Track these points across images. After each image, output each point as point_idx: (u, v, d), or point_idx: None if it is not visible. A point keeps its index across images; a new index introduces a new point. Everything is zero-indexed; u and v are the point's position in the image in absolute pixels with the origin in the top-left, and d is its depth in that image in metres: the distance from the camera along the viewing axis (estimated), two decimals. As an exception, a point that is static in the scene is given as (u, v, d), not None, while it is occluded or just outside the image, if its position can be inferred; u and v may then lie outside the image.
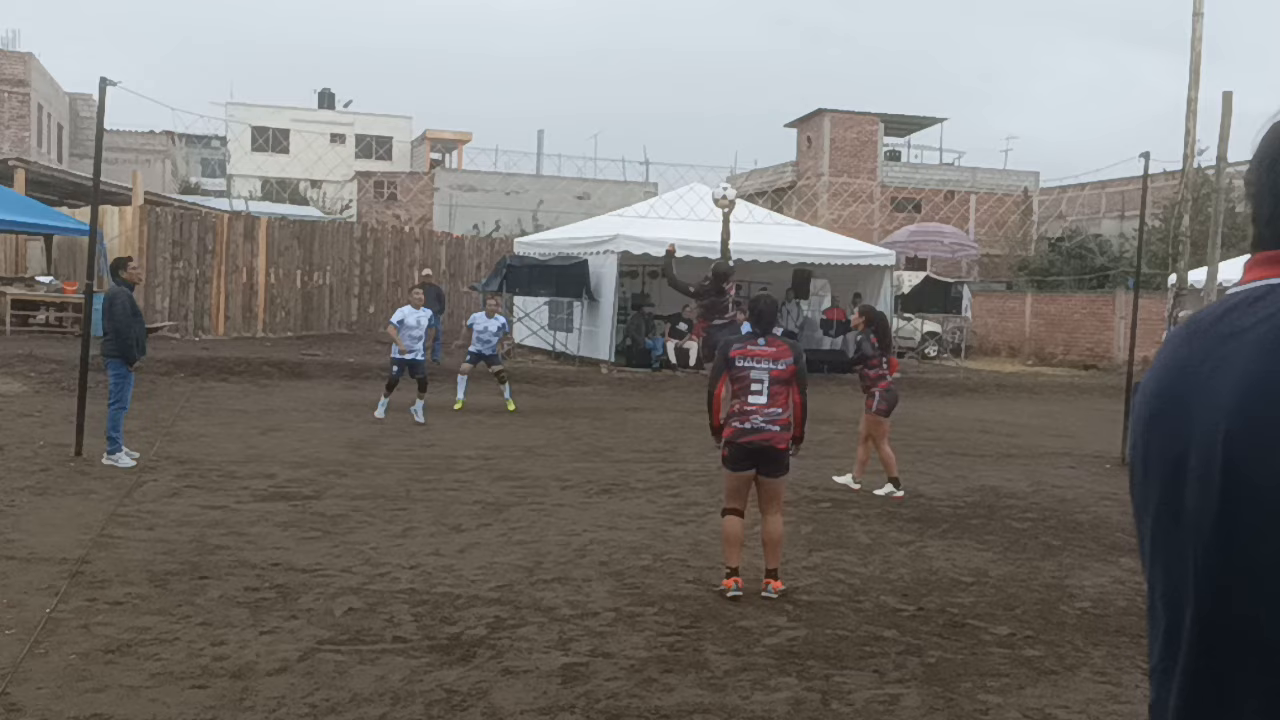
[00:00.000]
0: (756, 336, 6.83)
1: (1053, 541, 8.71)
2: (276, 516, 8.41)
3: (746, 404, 6.65)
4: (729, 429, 6.69)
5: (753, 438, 6.60)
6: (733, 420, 6.69)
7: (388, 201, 49.47)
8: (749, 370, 6.68)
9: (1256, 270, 1.30)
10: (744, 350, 6.75)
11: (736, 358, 6.73)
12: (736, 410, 6.69)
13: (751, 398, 6.64)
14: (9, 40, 43.23)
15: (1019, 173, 49.55)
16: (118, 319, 10.14)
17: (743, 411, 6.66)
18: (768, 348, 6.75)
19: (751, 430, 6.60)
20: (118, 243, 22.49)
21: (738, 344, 6.86)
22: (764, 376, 6.66)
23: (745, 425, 6.62)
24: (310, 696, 4.88)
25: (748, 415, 6.64)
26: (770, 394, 6.64)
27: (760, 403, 6.63)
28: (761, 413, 6.62)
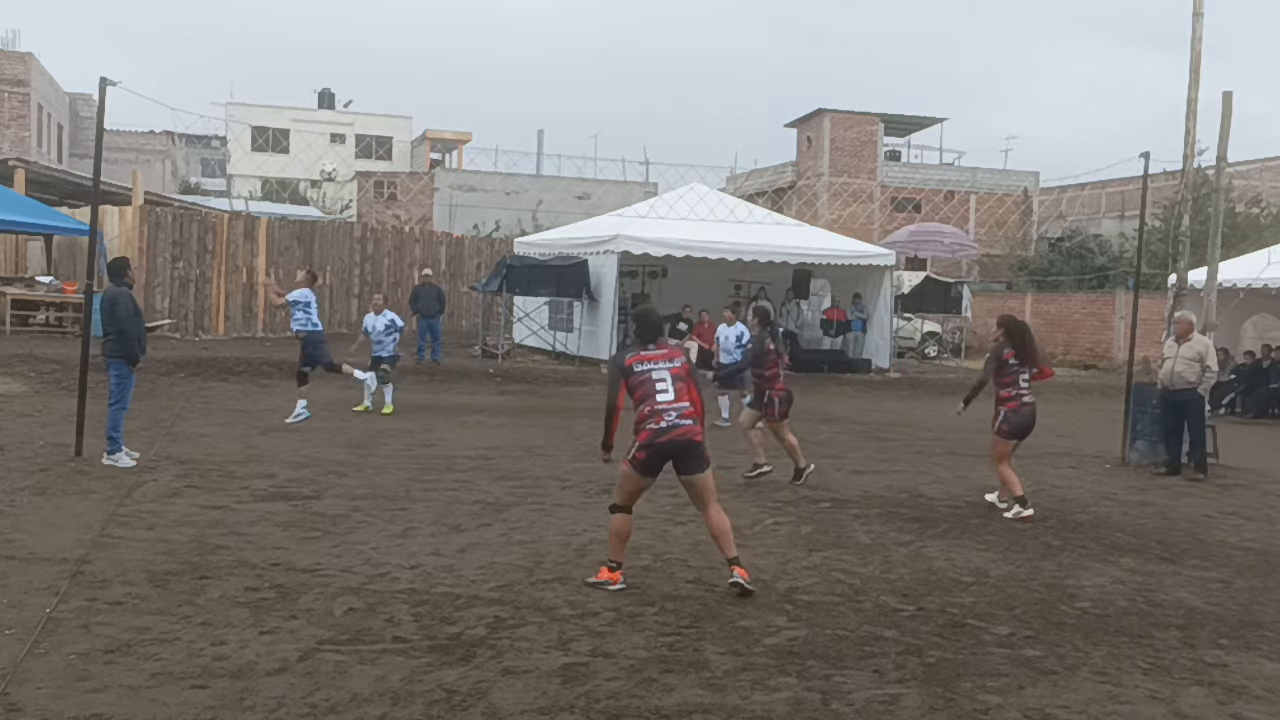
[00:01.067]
0: (645, 344, 6.94)
1: (1053, 541, 8.71)
2: (276, 516, 8.41)
3: (656, 404, 6.68)
4: (644, 433, 6.65)
5: (672, 435, 6.63)
6: (646, 424, 6.66)
7: (388, 201, 49.47)
8: (649, 372, 6.77)
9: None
10: (638, 356, 6.85)
11: (633, 364, 6.80)
12: (648, 413, 6.68)
13: (660, 396, 6.70)
14: (9, 40, 43.27)
15: (1019, 173, 49.56)
16: (120, 319, 10.14)
17: (655, 412, 6.66)
18: (658, 350, 6.91)
19: (669, 428, 6.63)
20: (118, 243, 22.50)
21: (629, 352, 6.94)
22: (665, 375, 6.77)
23: (661, 425, 6.63)
24: (310, 696, 4.89)
25: (661, 414, 6.66)
26: (675, 390, 6.74)
27: (669, 399, 6.69)
28: (673, 408, 6.67)
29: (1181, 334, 12.54)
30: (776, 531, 8.65)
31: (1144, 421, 13.36)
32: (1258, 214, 36.37)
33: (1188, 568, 8.08)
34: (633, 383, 6.78)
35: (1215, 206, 14.18)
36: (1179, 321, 12.72)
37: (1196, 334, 12.62)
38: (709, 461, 6.85)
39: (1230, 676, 5.72)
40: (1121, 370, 18.82)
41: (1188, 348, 12.42)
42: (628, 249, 22.39)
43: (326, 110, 61.66)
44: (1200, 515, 10.20)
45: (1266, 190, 38.90)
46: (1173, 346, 12.65)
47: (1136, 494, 11.18)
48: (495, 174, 49.96)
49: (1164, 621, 6.65)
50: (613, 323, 22.47)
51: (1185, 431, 12.50)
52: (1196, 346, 12.40)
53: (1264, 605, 7.14)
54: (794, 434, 10.97)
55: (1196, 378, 12.28)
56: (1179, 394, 12.37)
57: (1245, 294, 18.75)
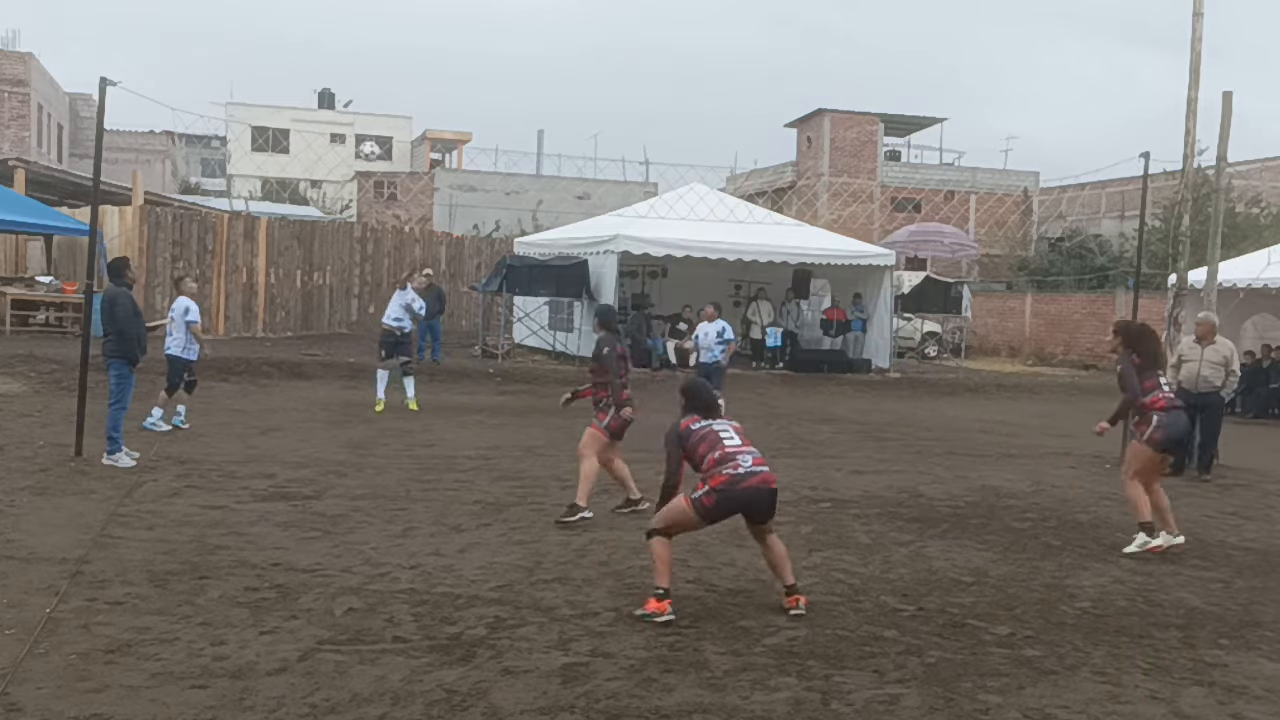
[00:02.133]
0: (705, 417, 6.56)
1: (1053, 541, 8.71)
2: (276, 516, 8.41)
3: (726, 449, 6.34)
4: (718, 478, 6.24)
5: (751, 482, 6.28)
6: (721, 469, 6.28)
7: (388, 201, 49.47)
8: (709, 426, 6.48)
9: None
10: (693, 418, 6.53)
11: (689, 425, 6.48)
12: (719, 458, 6.31)
13: (728, 443, 6.38)
14: (9, 40, 43.27)
15: (1019, 173, 49.56)
16: (120, 319, 10.14)
17: (727, 456, 6.32)
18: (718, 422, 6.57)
19: (747, 475, 6.27)
20: (118, 243, 22.49)
21: (683, 418, 6.57)
22: (728, 428, 6.51)
23: (739, 470, 6.27)
24: (310, 696, 4.89)
25: (733, 458, 6.32)
26: (741, 439, 6.46)
27: (738, 444, 6.40)
28: (747, 451, 6.39)
29: (1204, 336, 12.26)
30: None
31: (1144, 421, 13.34)
32: (1258, 214, 36.37)
33: (1188, 568, 8.08)
34: (692, 443, 6.41)
35: (1215, 206, 14.17)
36: (1201, 323, 12.44)
37: (1220, 336, 12.35)
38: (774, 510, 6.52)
39: (1230, 676, 5.72)
40: (1121, 370, 18.81)
41: (1213, 351, 12.17)
42: (628, 249, 22.39)
43: (326, 110, 61.67)
44: (1200, 515, 10.20)
45: (1266, 190, 38.90)
46: (1194, 348, 12.36)
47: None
48: (495, 174, 49.96)
49: (1164, 621, 6.65)
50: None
51: (1195, 433, 12.35)
52: (1222, 350, 12.15)
53: (1264, 605, 7.14)
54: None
55: (1222, 381, 12.07)
56: (1201, 397, 12.09)
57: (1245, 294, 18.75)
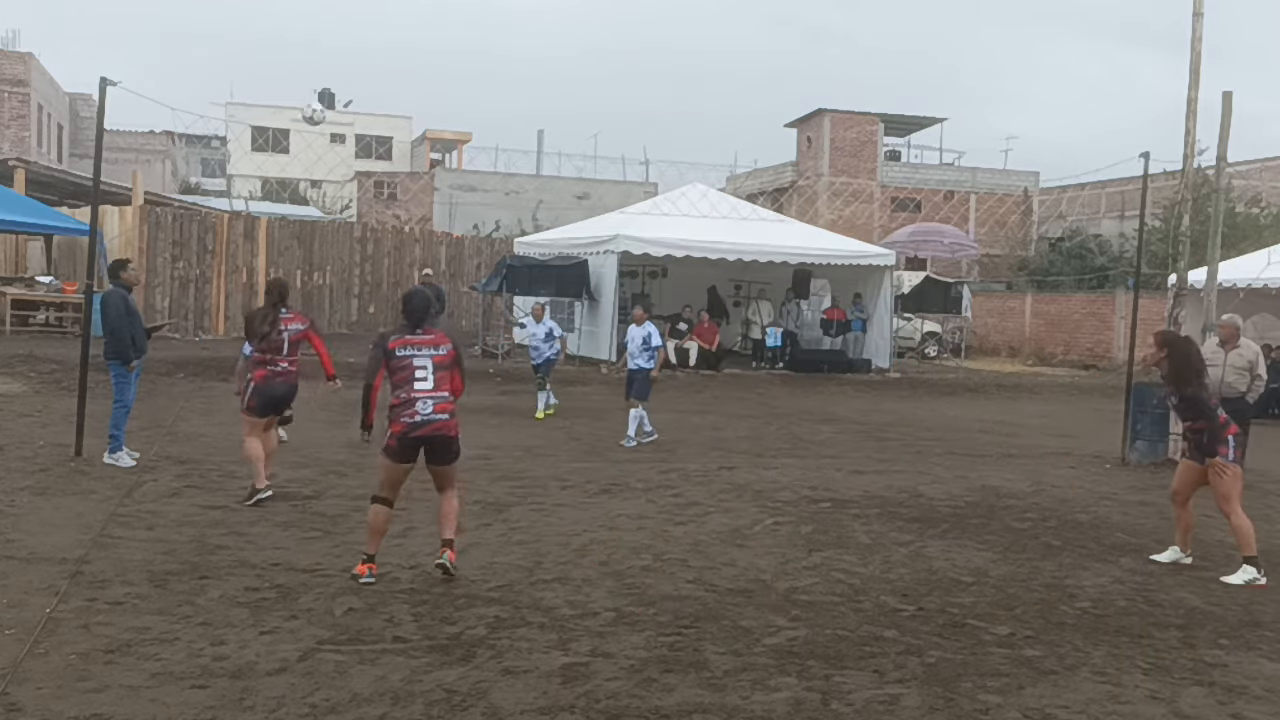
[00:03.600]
0: (411, 329, 6.86)
1: (1053, 541, 8.71)
2: (276, 516, 8.41)
3: (414, 391, 6.69)
4: (398, 424, 6.67)
5: (424, 431, 6.67)
6: (400, 412, 6.68)
7: (388, 201, 49.48)
8: (411, 358, 6.75)
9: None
10: (403, 340, 6.81)
11: (396, 348, 6.77)
12: (404, 399, 6.69)
13: (418, 384, 6.70)
14: (9, 40, 43.24)
15: (1019, 173, 49.54)
16: (111, 319, 10.13)
17: (410, 400, 6.68)
18: (426, 335, 6.85)
19: (423, 422, 6.67)
20: (118, 243, 22.50)
21: (395, 335, 6.89)
22: (427, 363, 6.76)
23: (415, 418, 6.66)
24: (310, 696, 4.88)
25: (414, 403, 6.67)
26: (436, 379, 6.75)
27: (427, 388, 6.71)
28: (430, 397, 6.70)
29: (1228, 339, 12.00)
30: (776, 531, 8.65)
31: (1144, 421, 13.35)
32: (1258, 214, 36.38)
33: (1188, 568, 8.08)
34: (394, 365, 6.76)
35: (1215, 206, 14.16)
36: (1225, 325, 12.17)
37: (1245, 340, 12.09)
38: (458, 455, 6.92)
39: (1230, 676, 5.72)
40: (1121, 370, 18.82)
41: (1237, 355, 11.88)
42: (628, 249, 22.39)
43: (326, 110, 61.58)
44: (1200, 515, 10.18)
45: (1266, 190, 38.90)
46: (1218, 352, 12.00)
47: (1136, 494, 11.18)
48: (495, 174, 49.98)
49: (1164, 621, 6.65)
50: (613, 323, 22.47)
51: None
52: (1247, 355, 11.88)
53: (1264, 605, 7.14)
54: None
55: (1246, 386, 11.79)
56: (1226, 403, 11.93)
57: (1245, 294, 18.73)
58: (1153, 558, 8.25)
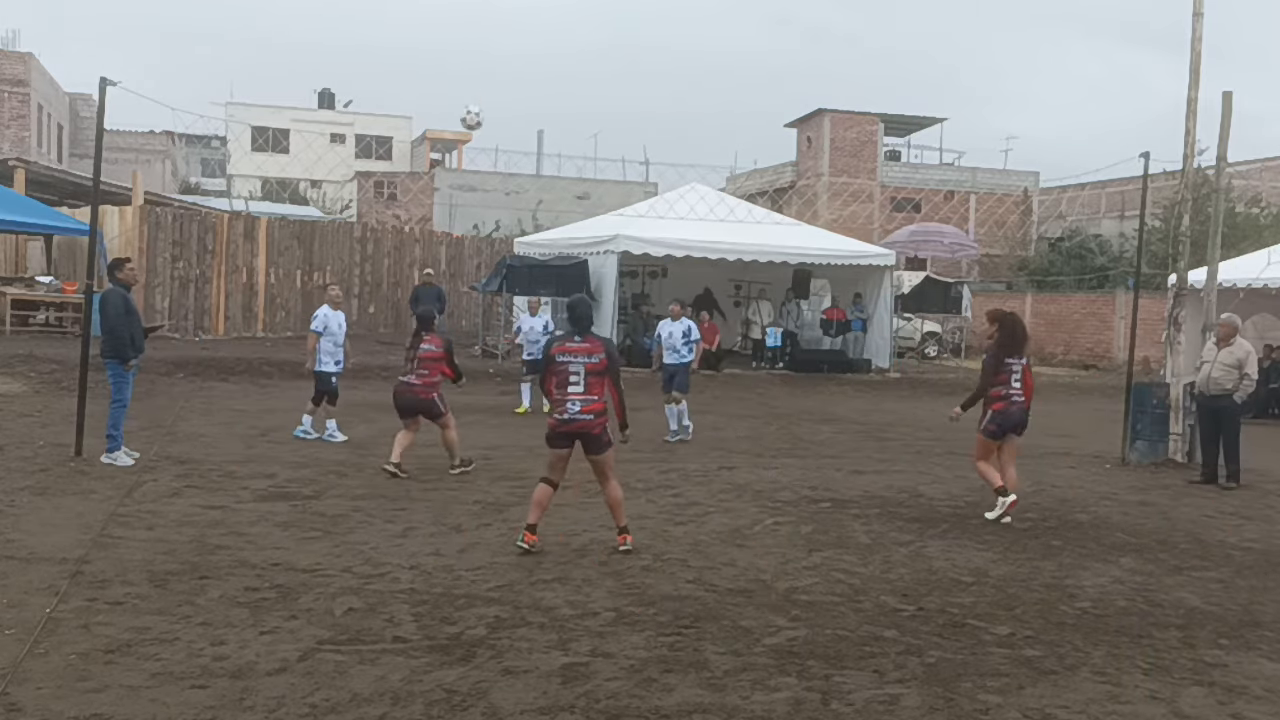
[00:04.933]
0: (573, 335, 7.67)
1: (1053, 541, 8.71)
2: (276, 516, 8.41)
3: (567, 393, 7.56)
4: (551, 418, 7.70)
5: (569, 428, 7.59)
6: (555, 409, 7.69)
7: (388, 201, 49.46)
8: (567, 364, 7.57)
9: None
10: (563, 347, 7.66)
11: (556, 354, 7.64)
12: (558, 399, 7.62)
13: (570, 388, 7.55)
14: (9, 40, 43.24)
15: (1019, 173, 49.54)
16: (110, 318, 10.13)
17: (562, 400, 7.58)
18: (582, 344, 7.63)
19: (569, 420, 7.57)
20: (118, 243, 22.49)
21: (558, 341, 7.79)
22: (580, 369, 7.56)
23: (563, 415, 7.58)
24: (310, 696, 4.88)
25: (565, 403, 7.56)
26: (587, 384, 7.56)
27: (578, 391, 7.54)
28: (579, 399, 7.54)
29: (1224, 338, 12.10)
30: (776, 531, 8.65)
31: (1144, 421, 13.35)
32: (1258, 214, 36.38)
33: (1188, 568, 8.08)
34: (553, 369, 7.64)
35: (1215, 206, 14.16)
36: (1223, 324, 12.26)
37: (1239, 339, 12.16)
38: (609, 444, 7.72)
39: (1230, 676, 5.72)
40: (1121, 370, 18.83)
41: (1227, 353, 11.98)
42: (628, 249, 22.39)
43: (326, 110, 61.62)
44: (1200, 515, 10.21)
45: (1266, 190, 38.90)
46: (1212, 350, 12.21)
47: (1136, 494, 11.18)
48: (495, 174, 49.95)
49: (1164, 621, 6.65)
50: (613, 323, 22.47)
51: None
52: (1237, 353, 11.96)
53: (1264, 605, 7.14)
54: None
55: (1234, 384, 11.88)
56: (1213, 400, 11.98)
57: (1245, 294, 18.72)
58: (1008, 501, 9.28)
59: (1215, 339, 12.31)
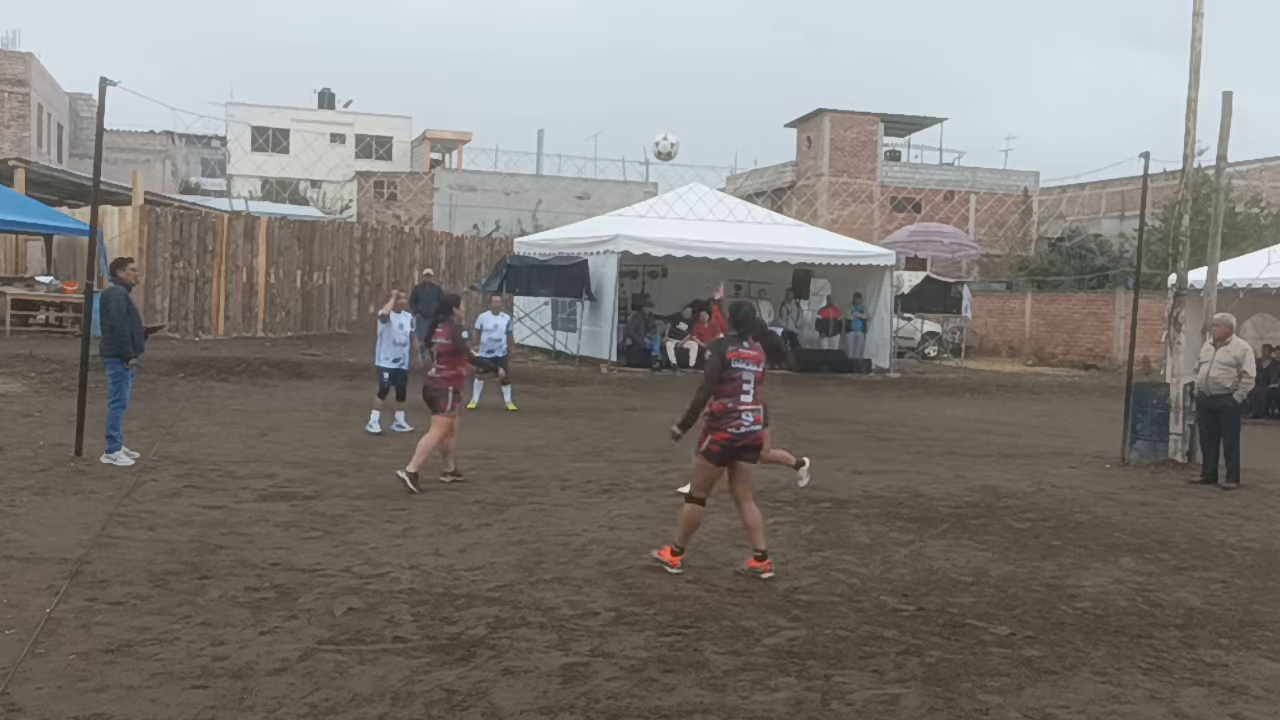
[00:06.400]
0: (741, 339, 7.22)
1: (1053, 541, 8.71)
2: (276, 516, 8.41)
3: (740, 403, 7.07)
4: (723, 432, 7.03)
5: (745, 441, 7.10)
6: (727, 421, 7.04)
7: (388, 201, 49.47)
8: (741, 371, 7.11)
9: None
10: (736, 352, 7.15)
11: (732, 359, 7.11)
12: (729, 409, 7.05)
13: (743, 397, 7.10)
14: (9, 40, 43.25)
15: (1019, 173, 49.54)
16: (111, 317, 10.14)
17: (736, 410, 7.05)
18: (752, 350, 7.22)
19: (746, 433, 7.08)
20: (118, 243, 22.49)
21: (730, 346, 7.21)
22: (751, 377, 7.15)
23: (740, 429, 7.05)
24: (310, 696, 4.88)
25: (740, 414, 7.05)
26: (755, 392, 7.18)
27: (749, 402, 7.11)
28: (752, 410, 7.11)
29: (1220, 337, 12.11)
30: (776, 531, 8.64)
31: (1144, 421, 13.35)
32: (1258, 214, 36.38)
33: (1188, 568, 8.08)
34: (725, 376, 7.08)
35: (1215, 206, 14.16)
36: (1218, 324, 12.28)
37: (1235, 338, 12.17)
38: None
39: (1230, 676, 5.72)
40: (1121, 370, 18.83)
41: (1224, 352, 11.98)
42: (628, 249, 22.39)
43: (326, 110, 61.65)
44: (1200, 515, 10.21)
45: (1266, 190, 38.90)
46: (1209, 350, 12.22)
47: (1136, 494, 11.19)
48: (495, 174, 49.95)
49: (1164, 621, 6.65)
50: (613, 323, 22.48)
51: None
52: (1234, 351, 11.97)
53: (1264, 605, 7.14)
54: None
55: (1233, 383, 11.88)
56: (1214, 400, 11.98)
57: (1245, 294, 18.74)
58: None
59: (1212, 339, 12.32)
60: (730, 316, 7.59)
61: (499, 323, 15.74)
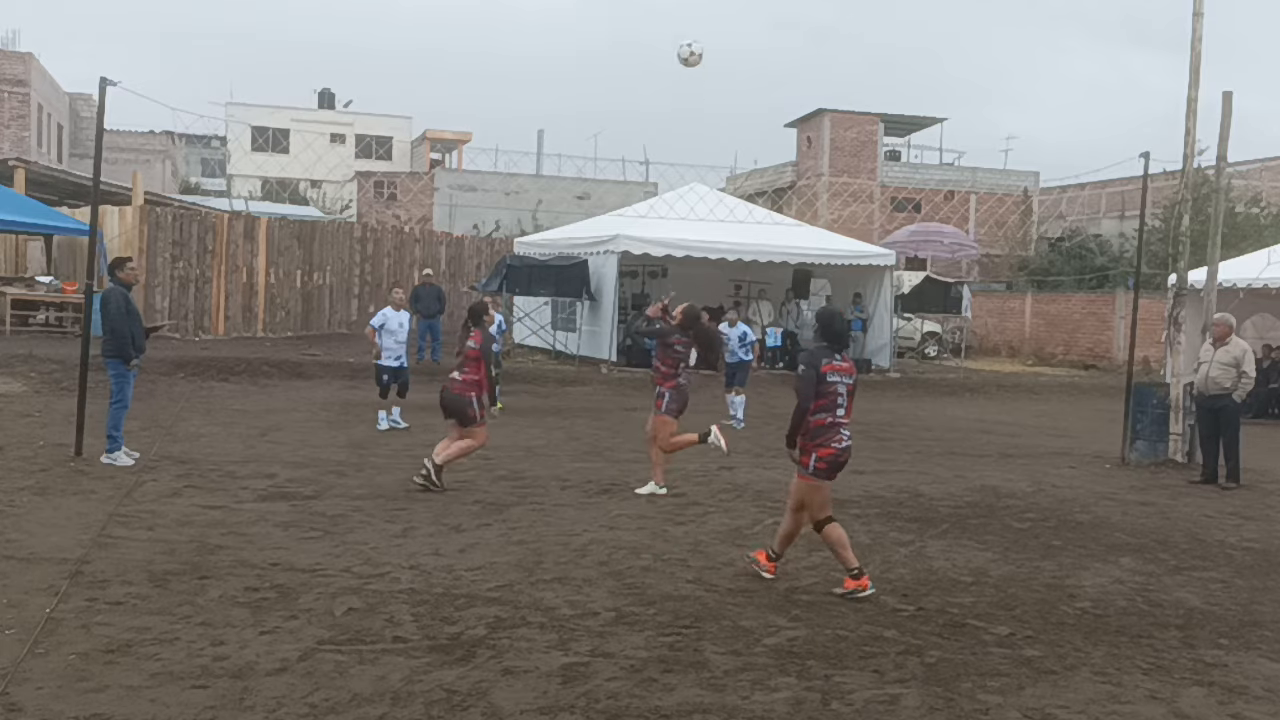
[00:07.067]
0: (834, 352, 6.92)
1: (1053, 541, 8.71)
2: (276, 516, 8.41)
3: (836, 417, 6.84)
4: (828, 448, 6.80)
5: (848, 456, 6.94)
6: (829, 437, 6.80)
7: (388, 201, 49.46)
8: (836, 385, 6.83)
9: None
10: (831, 365, 6.85)
11: (827, 373, 6.82)
12: (829, 424, 6.80)
13: (838, 411, 6.85)
14: (9, 40, 43.25)
15: (1019, 173, 49.55)
16: (112, 318, 10.14)
17: (835, 425, 6.82)
18: (845, 362, 6.95)
19: (849, 448, 6.92)
20: (118, 243, 22.49)
21: (824, 359, 6.88)
22: (844, 390, 6.88)
23: (842, 445, 6.85)
24: (310, 696, 4.88)
25: (839, 428, 6.84)
26: (848, 406, 6.91)
27: (843, 416, 6.88)
28: (848, 425, 6.90)
29: (1220, 337, 12.10)
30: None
31: (1144, 421, 13.35)
32: (1258, 214, 36.39)
33: (1188, 568, 8.08)
34: (820, 390, 6.79)
35: (1215, 206, 14.16)
36: (1217, 324, 12.26)
37: (1235, 338, 12.15)
38: None
39: (1230, 676, 5.72)
40: (1121, 370, 18.83)
41: (1224, 352, 11.96)
42: (628, 249, 22.39)
43: (326, 110, 61.66)
44: (1200, 515, 10.21)
45: (1266, 190, 38.91)
46: (1208, 350, 12.20)
47: (1136, 494, 11.19)
48: (495, 174, 49.95)
49: (1164, 621, 6.65)
50: (613, 323, 22.48)
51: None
52: (1234, 351, 11.95)
53: (1264, 605, 7.14)
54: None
55: (1232, 383, 11.86)
56: (1213, 400, 11.97)
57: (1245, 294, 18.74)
58: (659, 491, 9.75)
59: (1212, 339, 12.32)
60: (818, 326, 7.24)
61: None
